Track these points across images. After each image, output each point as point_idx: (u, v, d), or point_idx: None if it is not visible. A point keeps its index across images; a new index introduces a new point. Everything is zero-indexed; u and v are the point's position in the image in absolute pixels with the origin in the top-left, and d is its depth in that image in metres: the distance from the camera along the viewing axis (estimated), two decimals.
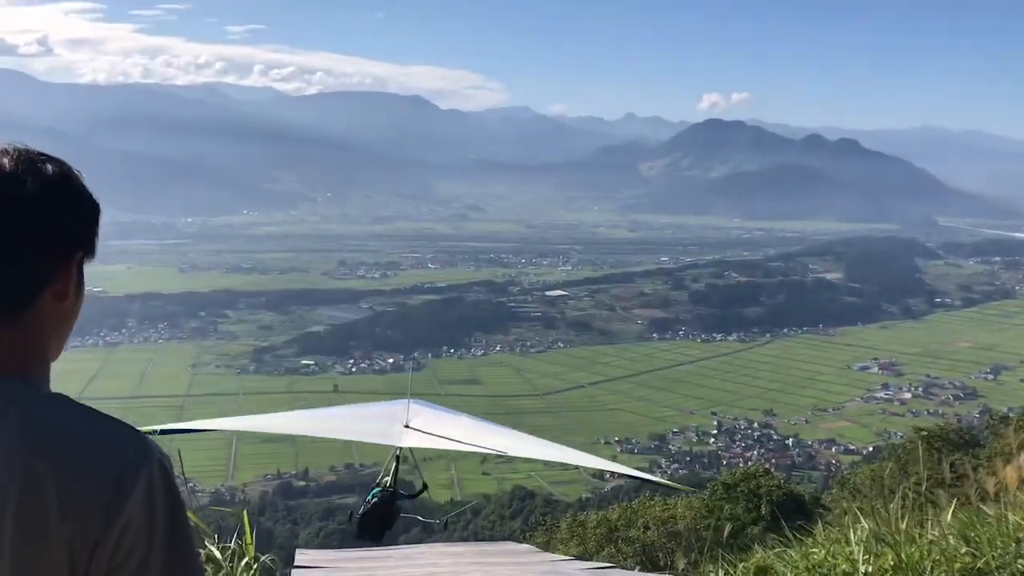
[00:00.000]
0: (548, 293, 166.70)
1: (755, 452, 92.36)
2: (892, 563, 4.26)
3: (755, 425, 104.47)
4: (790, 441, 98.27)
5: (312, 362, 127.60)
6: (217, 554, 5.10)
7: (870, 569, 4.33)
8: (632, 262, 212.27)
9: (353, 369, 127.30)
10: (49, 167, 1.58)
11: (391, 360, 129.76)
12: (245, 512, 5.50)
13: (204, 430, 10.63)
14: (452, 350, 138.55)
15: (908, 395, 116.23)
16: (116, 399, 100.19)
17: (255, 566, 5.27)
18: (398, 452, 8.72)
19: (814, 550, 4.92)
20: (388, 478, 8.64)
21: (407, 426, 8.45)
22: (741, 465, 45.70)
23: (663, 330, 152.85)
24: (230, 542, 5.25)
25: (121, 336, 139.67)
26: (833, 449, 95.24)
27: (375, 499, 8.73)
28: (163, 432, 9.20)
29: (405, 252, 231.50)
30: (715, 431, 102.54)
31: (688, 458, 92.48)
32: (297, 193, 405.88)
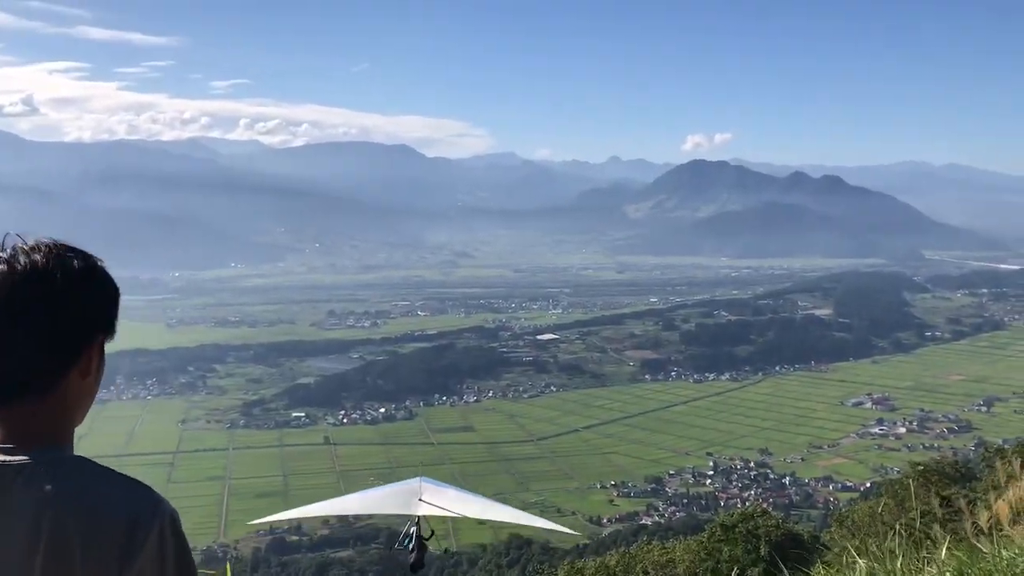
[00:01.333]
0: (539, 337, 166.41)
1: (752, 492, 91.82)
2: None
3: (751, 464, 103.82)
4: (787, 479, 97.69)
5: (303, 414, 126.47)
6: None
7: None
8: (622, 304, 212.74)
9: (344, 420, 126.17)
10: (75, 262, 1.85)
11: (382, 410, 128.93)
12: (228, 565, 5.51)
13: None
14: (444, 397, 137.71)
15: (903, 429, 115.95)
16: (105, 458, 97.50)
17: None
18: (416, 520, 11.31)
19: None
20: (415, 528, 11.25)
21: (420, 499, 11.06)
22: (739, 505, 45.36)
23: (655, 371, 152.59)
24: None
25: (110, 393, 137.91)
26: (830, 486, 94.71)
27: (415, 544, 11.27)
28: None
29: (394, 300, 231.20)
30: (711, 472, 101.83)
31: (685, 500, 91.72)
32: (284, 245, 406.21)
